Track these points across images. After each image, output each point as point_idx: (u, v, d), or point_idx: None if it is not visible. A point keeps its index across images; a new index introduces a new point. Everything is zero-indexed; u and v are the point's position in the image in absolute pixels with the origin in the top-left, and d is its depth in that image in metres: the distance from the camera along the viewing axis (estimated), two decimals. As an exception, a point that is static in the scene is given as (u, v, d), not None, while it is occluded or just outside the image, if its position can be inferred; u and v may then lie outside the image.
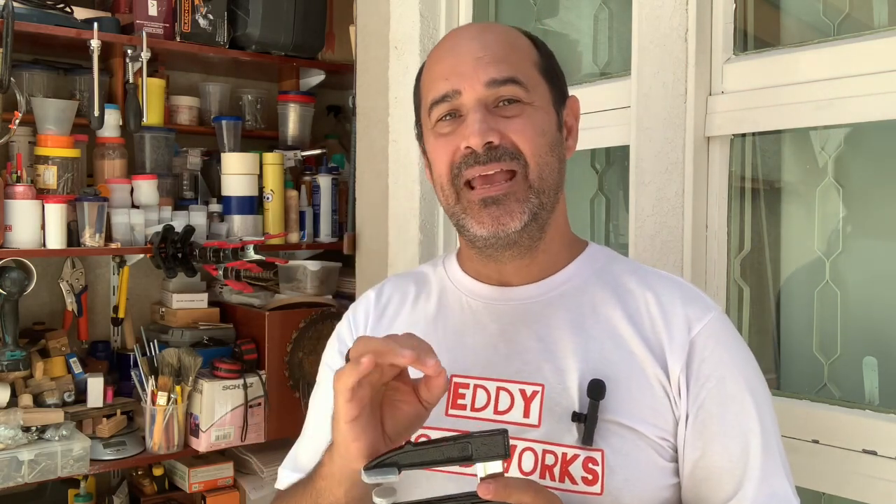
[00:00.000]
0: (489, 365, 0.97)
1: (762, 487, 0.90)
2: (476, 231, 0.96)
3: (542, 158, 0.96)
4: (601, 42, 1.79)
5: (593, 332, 0.96)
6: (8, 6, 2.03)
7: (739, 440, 0.92)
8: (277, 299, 2.49)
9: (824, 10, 1.39)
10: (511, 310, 1.00)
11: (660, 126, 1.47)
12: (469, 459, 0.78)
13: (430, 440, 0.81)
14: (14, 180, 2.08)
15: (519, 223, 0.94)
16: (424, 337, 0.84)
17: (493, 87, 0.95)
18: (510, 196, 0.94)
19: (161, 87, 2.42)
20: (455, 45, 1.00)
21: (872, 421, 1.24)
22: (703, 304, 0.98)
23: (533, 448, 0.91)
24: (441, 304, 1.06)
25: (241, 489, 2.42)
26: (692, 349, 0.93)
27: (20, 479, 2.02)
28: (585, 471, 0.89)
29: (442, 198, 1.00)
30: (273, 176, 2.48)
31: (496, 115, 0.95)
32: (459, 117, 0.97)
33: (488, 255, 0.99)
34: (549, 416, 0.92)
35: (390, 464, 0.80)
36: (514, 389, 0.94)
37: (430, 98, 0.99)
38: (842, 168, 1.36)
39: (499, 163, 0.94)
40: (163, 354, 2.28)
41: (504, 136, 0.94)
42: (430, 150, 1.01)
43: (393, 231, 2.10)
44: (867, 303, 1.36)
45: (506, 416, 0.93)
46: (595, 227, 1.79)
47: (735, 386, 0.93)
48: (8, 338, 2.12)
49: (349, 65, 2.35)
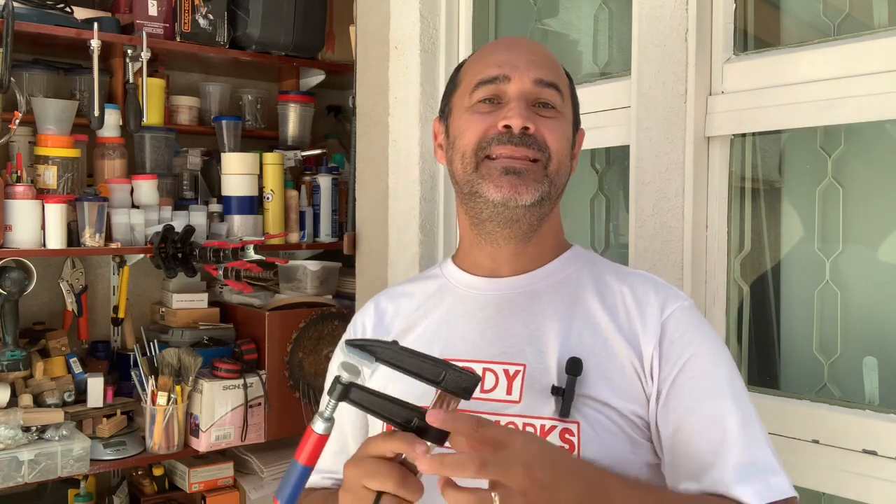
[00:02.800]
0: (476, 348, 1.03)
1: (743, 456, 0.92)
2: (491, 195, 1.01)
3: (562, 160, 1.05)
4: (601, 42, 1.79)
5: (573, 321, 1.02)
6: (8, 6, 2.03)
7: (713, 413, 0.95)
8: (277, 299, 2.49)
9: (824, 10, 1.39)
10: (499, 298, 1.07)
11: (660, 126, 1.47)
12: (437, 384, 0.82)
13: (414, 351, 0.85)
14: (14, 180, 2.08)
15: (531, 197, 1.01)
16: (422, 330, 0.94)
17: (538, 86, 1.04)
18: (530, 173, 1.02)
19: (161, 87, 2.42)
20: (511, 44, 1.10)
21: (872, 421, 1.24)
22: (674, 293, 1.05)
23: (514, 423, 0.96)
24: (435, 297, 1.12)
25: (241, 489, 2.42)
26: (663, 331, 0.99)
27: (20, 479, 2.02)
28: (562, 441, 0.95)
29: (460, 167, 1.06)
30: (273, 176, 2.48)
31: (534, 112, 1.04)
32: (499, 104, 1.04)
33: (489, 233, 1.05)
34: (530, 391, 0.98)
35: (370, 350, 0.84)
36: (498, 370, 1.01)
37: (478, 77, 1.06)
38: (842, 168, 1.36)
39: (528, 149, 1.02)
40: (163, 354, 2.28)
41: (537, 129, 1.02)
42: (460, 123, 1.07)
43: (393, 231, 2.10)
44: (867, 303, 1.36)
45: (490, 394, 0.99)
46: (595, 227, 1.79)
47: (706, 362, 0.98)
48: (8, 338, 2.12)
49: (349, 65, 2.35)
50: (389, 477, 0.79)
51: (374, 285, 2.11)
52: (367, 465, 0.81)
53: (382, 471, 0.79)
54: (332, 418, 0.85)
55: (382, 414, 0.84)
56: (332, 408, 0.85)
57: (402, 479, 0.79)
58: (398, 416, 0.83)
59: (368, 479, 0.80)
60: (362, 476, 0.80)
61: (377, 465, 0.80)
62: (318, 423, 0.85)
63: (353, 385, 0.84)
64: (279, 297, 2.52)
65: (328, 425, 0.85)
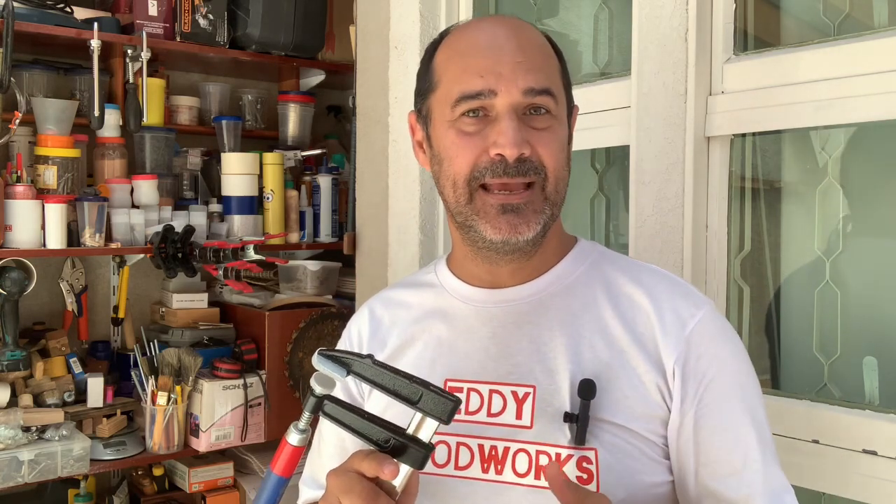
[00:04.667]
0: (481, 368, 0.97)
1: (766, 479, 0.91)
2: (489, 235, 0.94)
3: (560, 174, 0.96)
4: (601, 42, 1.79)
5: (584, 331, 0.96)
6: (8, 6, 2.03)
7: (736, 434, 0.93)
8: (277, 299, 2.49)
9: (824, 10, 1.39)
10: (502, 312, 1.00)
11: (660, 126, 1.47)
12: (413, 404, 0.79)
13: (391, 367, 0.81)
14: (14, 180, 2.08)
15: (533, 233, 0.94)
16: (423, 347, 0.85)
17: (529, 95, 0.93)
18: (528, 206, 0.94)
19: (161, 87, 2.42)
20: (492, 41, 0.96)
21: (872, 421, 1.23)
22: (695, 299, 0.98)
23: (526, 449, 0.92)
24: (435, 312, 1.05)
25: (241, 489, 2.43)
26: (688, 347, 0.93)
27: (20, 479, 2.02)
28: (580, 470, 0.89)
29: (451, 195, 0.97)
30: (273, 176, 2.48)
31: (526, 125, 0.94)
32: (486, 117, 0.94)
33: (487, 258, 0.98)
34: (542, 416, 0.92)
35: (344, 363, 0.81)
36: (506, 391, 0.95)
37: (459, 90, 0.95)
38: (842, 168, 1.36)
39: (525, 177, 0.93)
40: (163, 354, 2.28)
41: (533, 150, 0.93)
42: (446, 143, 0.97)
43: (393, 231, 2.10)
44: (867, 303, 1.36)
45: (498, 418, 0.94)
46: (595, 227, 1.79)
47: (731, 380, 0.94)
48: (8, 338, 2.12)
49: (349, 65, 2.35)
50: (360, 496, 0.78)
51: (374, 285, 2.11)
52: (344, 480, 0.80)
53: (356, 488, 0.78)
54: (307, 430, 0.85)
55: (357, 431, 0.82)
56: (308, 419, 0.84)
57: (372, 499, 0.78)
58: (374, 434, 0.81)
59: (342, 493, 0.79)
60: (338, 489, 0.80)
61: (352, 481, 0.79)
62: (292, 435, 0.85)
63: (328, 398, 0.82)
64: (279, 297, 2.52)
65: (303, 437, 0.84)
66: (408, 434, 0.80)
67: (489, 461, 0.93)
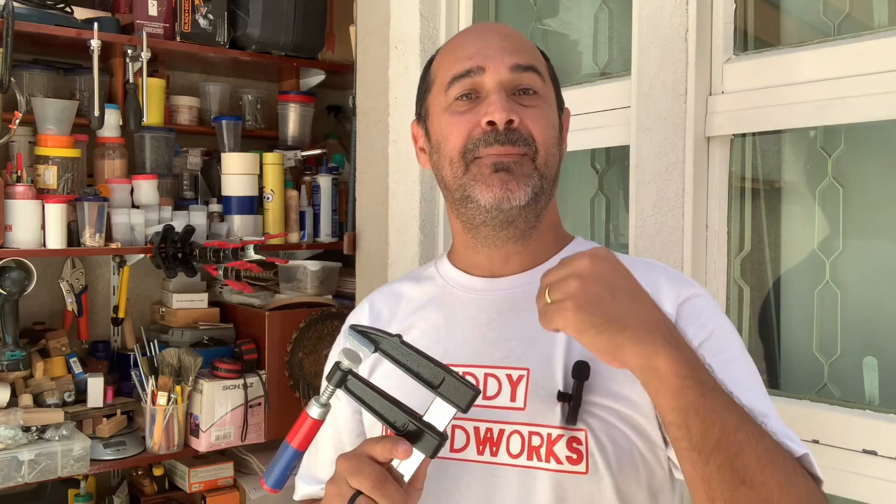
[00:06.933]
0: (477, 353, 1.00)
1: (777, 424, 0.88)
2: (483, 198, 0.98)
3: (550, 150, 1.01)
4: (601, 42, 1.79)
5: None
6: (8, 6, 2.03)
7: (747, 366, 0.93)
8: (277, 299, 2.49)
9: (824, 10, 1.39)
10: (499, 299, 1.03)
11: (660, 126, 1.47)
12: (434, 388, 0.80)
13: (417, 350, 0.83)
14: (14, 180, 2.08)
15: (524, 195, 0.97)
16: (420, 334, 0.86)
17: (516, 71, 0.99)
18: (518, 167, 0.98)
19: (161, 87, 2.42)
20: (479, 33, 1.05)
21: (872, 421, 1.24)
22: (687, 281, 1.02)
23: (519, 430, 0.94)
24: (434, 301, 1.08)
25: (241, 489, 2.43)
26: (678, 315, 0.94)
27: (20, 479, 2.02)
28: (570, 450, 0.91)
29: (449, 172, 1.02)
30: (273, 176, 2.48)
31: (516, 102, 0.99)
32: (477, 98, 1.00)
33: (485, 237, 1.02)
34: (535, 398, 0.94)
35: (373, 340, 0.83)
36: (500, 375, 0.97)
37: (451, 73, 1.01)
38: (842, 168, 1.36)
39: (514, 146, 0.98)
40: (163, 354, 2.28)
41: (521, 122, 0.98)
42: (442, 126, 1.02)
43: (393, 231, 2.10)
44: (867, 303, 1.36)
45: (493, 401, 0.96)
46: (595, 227, 1.79)
47: (731, 338, 0.95)
48: (8, 338, 2.12)
49: (349, 65, 2.35)
50: (368, 478, 0.79)
51: (374, 285, 2.11)
52: (354, 462, 0.81)
53: (364, 470, 0.79)
54: (328, 404, 0.84)
55: (377, 411, 0.83)
56: (330, 393, 0.84)
57: (381, 482, 0.79)
58: (393, 416, 0.82)
59: (350, 475, 0.80)
60: (346, 471, 0.81)
61: (362, 463, 0.80)
62: (313, 408, 0.84)
63: (352, 373, 0.83)
64: (279, 297, 2.52)
65: (324, 411, 0.84)
66: (424, 420, 0.81)
67: (484, 443, 0.95)
